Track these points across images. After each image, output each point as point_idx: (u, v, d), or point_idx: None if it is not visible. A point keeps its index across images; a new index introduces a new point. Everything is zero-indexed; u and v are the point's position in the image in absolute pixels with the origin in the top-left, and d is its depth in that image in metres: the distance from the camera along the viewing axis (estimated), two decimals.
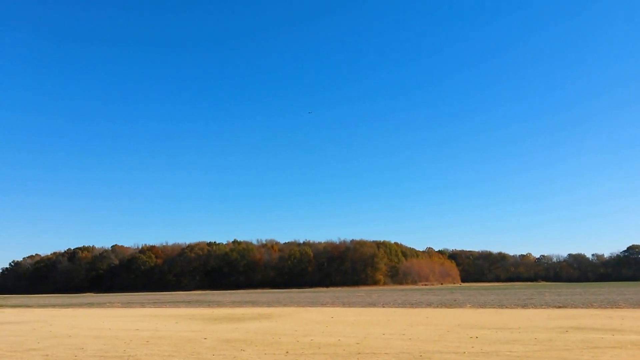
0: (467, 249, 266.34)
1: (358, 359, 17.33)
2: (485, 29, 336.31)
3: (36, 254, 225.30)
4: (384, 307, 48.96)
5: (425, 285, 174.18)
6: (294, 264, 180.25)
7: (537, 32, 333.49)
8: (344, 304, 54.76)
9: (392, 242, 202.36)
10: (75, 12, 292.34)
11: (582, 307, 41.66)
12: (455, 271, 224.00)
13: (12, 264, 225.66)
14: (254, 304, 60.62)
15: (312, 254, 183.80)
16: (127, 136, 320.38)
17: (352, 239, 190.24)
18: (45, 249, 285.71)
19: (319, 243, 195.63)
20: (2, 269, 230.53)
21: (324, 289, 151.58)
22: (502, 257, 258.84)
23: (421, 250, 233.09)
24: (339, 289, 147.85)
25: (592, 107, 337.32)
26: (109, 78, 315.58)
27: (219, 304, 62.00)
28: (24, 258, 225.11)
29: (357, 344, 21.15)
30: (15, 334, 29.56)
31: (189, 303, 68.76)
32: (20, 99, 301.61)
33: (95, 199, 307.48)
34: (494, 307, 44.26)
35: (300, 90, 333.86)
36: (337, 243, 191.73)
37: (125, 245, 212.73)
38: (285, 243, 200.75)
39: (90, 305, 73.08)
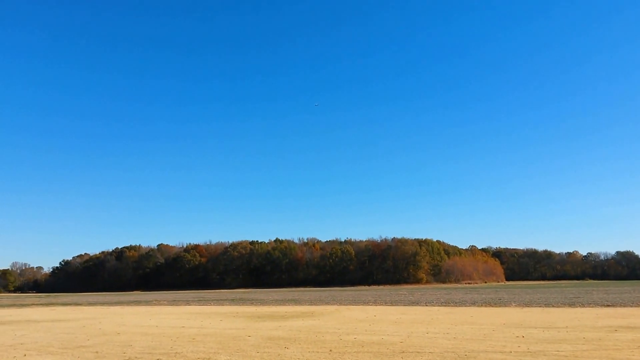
0: (512, 247, 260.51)
1: (402, 357, 17.16)
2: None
3: (85, 254, 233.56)
4: (427, 305, 48.39)
5: (469, 283, 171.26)
6: (335, 263, 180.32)
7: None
8: (386, 303, 54.40)
9: (434, 240, 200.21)
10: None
11: (631, 306, 40.07)
12: (499, 269, 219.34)
13: (63, 263, 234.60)
14: (296, 302, 60.96)
15: (353, 252, 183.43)
16: (173, 138, 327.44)
17: (394, 237, 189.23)
18: (94, 249, 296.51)
19: (360, 241, 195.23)
20: (53, 268, 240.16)
21: (366, 287, 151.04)
22: (547, 255, 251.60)
23: (464, 248, 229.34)
24: (381, 287, 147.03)
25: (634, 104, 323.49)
26: (153, 80, 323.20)
27: (262, 302, 62.63)
28: (73, 257, 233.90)
29: (401, 342, 20.95)
30: (66, 331, 30.64)
31: (232, 301, 69.76)
32: (68, 103, 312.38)
33: (142, 199, 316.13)
34: (540, 306, 43.08)
35: (336, 88, 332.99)
36: (379, 241, 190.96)
37: (171, 244, 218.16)
38: (326, 241, 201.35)
39: (138, 303, 75.09)
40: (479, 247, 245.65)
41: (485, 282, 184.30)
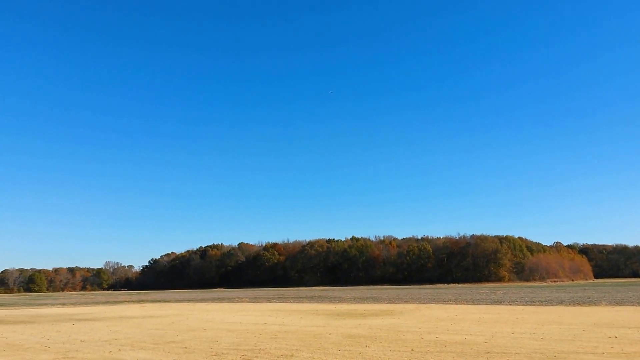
0: (600, 243, 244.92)
1: (487, 358, 16.63)
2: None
3: (172, 252, 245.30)
4: (510, 304, 46.63)
5: (554, 281, 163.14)
6: (412, 260, 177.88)
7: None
8: (467, 301, 52.98)
9: (516, 236, 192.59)
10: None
11: None
12: (587, 267, 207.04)
13: (151, 262, 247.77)
14: (375, 300, 60.75)
15: (431, 250, 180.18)
16: (252, 140, 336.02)
17: (473, 234, 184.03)
18: (179, 248, 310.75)
19: (438, 238, 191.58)
20: (142, 266, 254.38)
21: (445, 285, 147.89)
22: (639, 250, 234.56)
23: (548, 245, 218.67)
24: (461, 285, 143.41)
25: None
26: (234, 85, 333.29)
27: (341, 300, 62.93)
28: (161, 256, 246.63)
29: (485, 342, 20.33)
30: (156, 327, 32.26)
31: (311, 298, 70.63)
32: (149, 107, 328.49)
33: (224, 200, 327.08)
34: (633, 305, 40.28)
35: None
36: (457, 238, 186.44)
37: (251, 243, 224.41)
38: (402, 239, 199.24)
39: (221, 300, 77.82)
40: (565, 244, 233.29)
41: (572, 280, 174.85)
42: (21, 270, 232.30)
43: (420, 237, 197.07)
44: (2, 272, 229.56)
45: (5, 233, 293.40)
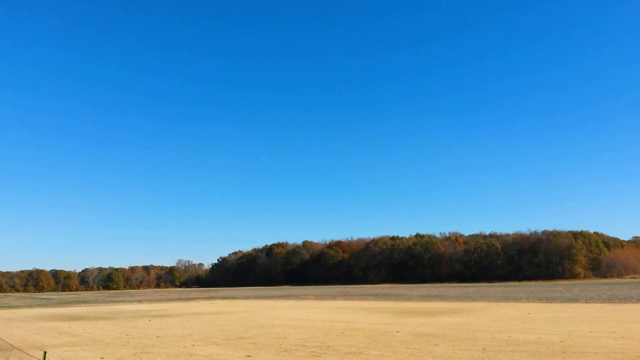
0: None
1: (564, 358, 15.93)
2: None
3: (239, 251, 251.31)
4: (587, 302, 44.47)
5: (634, 278, 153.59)
6: (480, 257, 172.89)
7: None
8: (540, 299, 51.00)
9: (591, 231, 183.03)
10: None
11: None
12: None
13: (220, 259, 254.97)
14: (442, 298, 59.68)
15: (500, 246, 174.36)
16: (309, 141, 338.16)
17: (544, 230, 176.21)
18: (246, 246, 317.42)
19: (507, 235, 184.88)
20: (212, 264, 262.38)
21: (516, 283, 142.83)
22: None
23: (626, 239, 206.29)
24: (533, 283, 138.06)
25: None
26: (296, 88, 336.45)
27: (407, 298, 62.27)
28: (229, 254, 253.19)
29: (561, 342, 19.50)
30: (227, 323, 33.16)
31: (376, 296, 70.30)
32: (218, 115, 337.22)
33: (288, 199, 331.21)
34: None
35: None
36: (528, 234, 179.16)
37: (315, 240, 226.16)
38: (470, 235, 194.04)
39: (288, 297, 78.94)
40: None
41: None
42: (100, 269, 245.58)
43: (488, 234, 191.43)
44: (83, 271, 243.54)
45: (85, 235, 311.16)
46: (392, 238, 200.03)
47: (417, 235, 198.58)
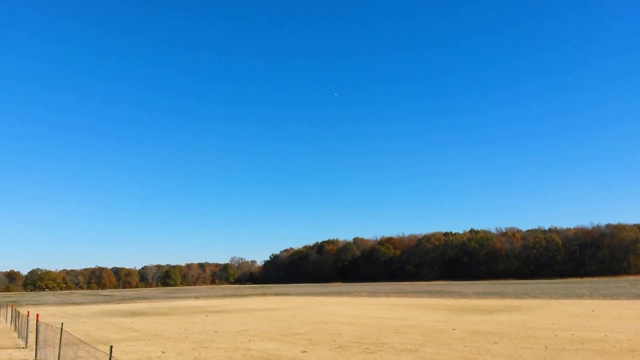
0: None
1: (633, 357, 15.12)
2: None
3: (290, 248, 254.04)
4: None
5: None
6: (539, 253, 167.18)
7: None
8: (604, 296, 48.81)
9: None
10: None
11: None
12: None
13: (272, 257, 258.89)
14: (499, 295, 58.14)
15: (560, 241, 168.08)
16: (362, 140, 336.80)
17: (608, 223, 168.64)
18: (297, 243, 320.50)
19: (568, 229, 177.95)
20: (264, 261, 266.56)
21: (578, 279, 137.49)
22: None
23: None
24: (596, 279, 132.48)
25: None
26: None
27: (462, 295, 61.05)
28: (280, 252, 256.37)
29: (629, 340, 18.55)
30: (281, 319, 33.47)
31: (430, 293, 69.31)
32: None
33: (338, 196, 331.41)
34: None
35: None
36: (590, 228, 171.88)
37: (365, 237, 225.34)
38: (528, 230, 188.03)
39: (340, 293, 79.04)
40: None
41: None
42: (158, 267, 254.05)
43: (547, 229, 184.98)
44: (142, 268, 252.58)
45: (144, 234, 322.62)
46: (445, 234, 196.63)
47: (472, 231, 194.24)
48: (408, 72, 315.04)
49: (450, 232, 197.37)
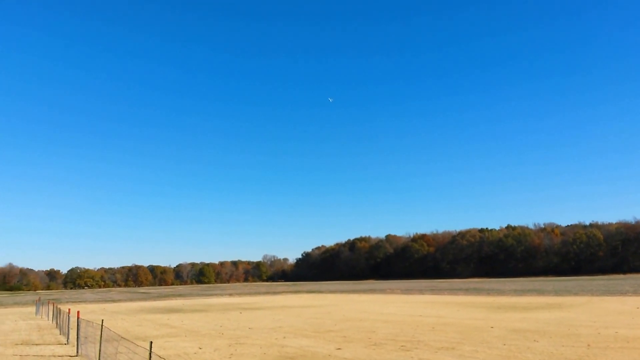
0: None
1: None
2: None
3: (322, 245, 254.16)
4: None
5: None
6: (580, 249, 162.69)
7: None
8: None
9: None
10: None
11: None
12: None
13: (304, 254, 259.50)
14: (538, 292, 56.81)
15: (602, 237, 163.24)
16: (393, 137, 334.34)
17: None
18: (329, 241, 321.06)
19: (610, 224, 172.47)
20: (296, 259, 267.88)
21: (621, 275, 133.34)
22: None
23: None
24: None
25: None
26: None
27: (499, 292, 59.92)
28: (312, 249, 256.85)
29: None
30: (315, 316, 33.44)
31: (466, 291, 68.27)
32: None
33: (369, 193, 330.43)
34: None
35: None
36: (633, 223, 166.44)
37: (398, 234, 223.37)
38: (567, 226, 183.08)
39: (373, 291, 78.65)
40: None
41: None
42: (193, 264, 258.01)
43: (588, 224, 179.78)
44: (177, 266, 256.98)
45: (179, 232, 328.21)
46: (481, 230, 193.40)
47: (509, 227, 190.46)
48: (441, 69, 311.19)
49: (486, 228, 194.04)
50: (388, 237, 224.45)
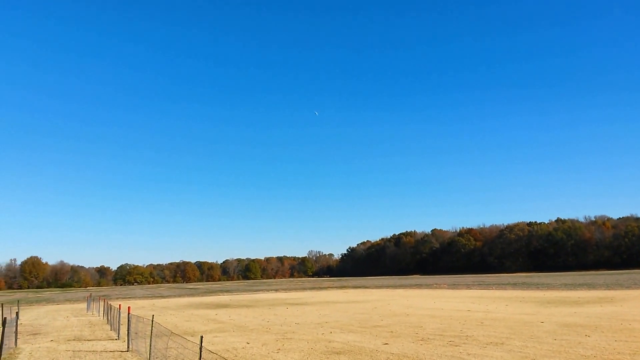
0: None
1: None
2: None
3: (367, 241, 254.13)
4: None
5: None
6: (632, 242, 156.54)
7: None
8: None
9: None
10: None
11: None
12: None
13: (349, 250, 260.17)
14: (589, 286, 55.08)
15: None
16: (441, 134, 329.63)
17: None
18: (374, 236, 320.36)
19: None
20: (341, 254, 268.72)
21: None
22: None
23: None
24: None
25: None
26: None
27: (549, 287, 58.42)
28: (357, 244, 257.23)
29: None
30: (361, 311, 33.55)
31: (515, 285, 66.87)
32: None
33: (415, 187, 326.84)
34: None
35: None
36: None
37: (444, 229, 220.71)
38: (619, 219, 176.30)
39: (419, 286, 78.00)
40: None
41: None
42: (239, 260, 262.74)
43: None
44: (223, 262, 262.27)
45: (225, 229, 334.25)
46: (529, 224, 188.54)
47: (558, 220, 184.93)
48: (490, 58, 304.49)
49: (535, 222, 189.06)
50: (434, 231, 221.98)
